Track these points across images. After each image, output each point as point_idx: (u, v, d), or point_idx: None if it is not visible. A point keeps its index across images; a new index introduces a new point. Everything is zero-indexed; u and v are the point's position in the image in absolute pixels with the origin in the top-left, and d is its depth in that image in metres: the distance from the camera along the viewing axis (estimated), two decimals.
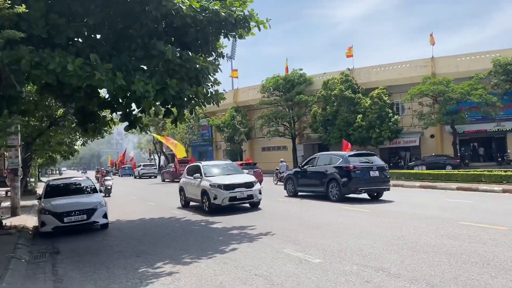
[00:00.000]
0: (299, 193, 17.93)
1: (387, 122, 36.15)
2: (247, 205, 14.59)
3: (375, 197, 15.81)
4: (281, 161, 29.24)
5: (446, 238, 8.27)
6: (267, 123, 43.58)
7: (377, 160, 16.34)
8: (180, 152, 34.89)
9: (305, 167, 17.85)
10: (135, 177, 49.93)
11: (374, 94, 36.87)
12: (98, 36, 10.74)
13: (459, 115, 32.41)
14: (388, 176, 16.03)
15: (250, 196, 13.91)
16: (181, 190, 16.40)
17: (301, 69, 44.57)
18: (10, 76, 8.91)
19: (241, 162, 31.91)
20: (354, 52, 42.60)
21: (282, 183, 20.21)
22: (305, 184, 17.53)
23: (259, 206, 14.37)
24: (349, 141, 37.43)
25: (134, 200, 20.94)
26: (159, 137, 43.13)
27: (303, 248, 8.04)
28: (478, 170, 22.59)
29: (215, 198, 13.45)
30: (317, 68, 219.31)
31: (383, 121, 36.19)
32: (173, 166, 38.68)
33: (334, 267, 6.61)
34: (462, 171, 21.90)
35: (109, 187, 23.81)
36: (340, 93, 37.63)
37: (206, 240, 9.49)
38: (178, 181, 37.15)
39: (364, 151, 19.32)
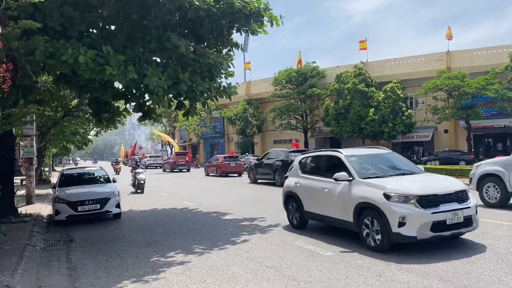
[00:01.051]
0: (258, 180, 22.43)
1: (401, 116, 35.81)
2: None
3: None
4: (246, 155, 36.89)
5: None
6: (279, 116, 43.46)
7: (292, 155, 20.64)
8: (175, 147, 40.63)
9: (262, 160, 22.34)
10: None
11: (388, 88, 36.51)
12: (113, 27, 10.80)
13: (474, 110, 31.92)
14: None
15: (468, 221, 7.09)
16: (291, 197, 9.44)
17: (314, 62, 44.31)
18: (26, 66, 9.02)
19: (224, 155, 35.49)
20: (368, 46, 42.22)
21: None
22: (261, 173, 22.15)
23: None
24: (362, 135, 37.29)
25: (146, 191, 21.06)
26: (158, 132, 46.91)
27: (315, 241, 8.04)
28: None
29: (402, 224, 6.74)
30: (330, 61, 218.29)
31: (397, 115, 35.86)
32: (172, 157, 42.85)
33: (346, 260, 6.60)
34: None
35: (142, 182, 19.68)
36: (353, 87, 37.33)
37: (218, 231, 9.55)
38: (177, 171, 39.49)
39: (302, 149, 23.98)
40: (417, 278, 5.60)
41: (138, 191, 19.53)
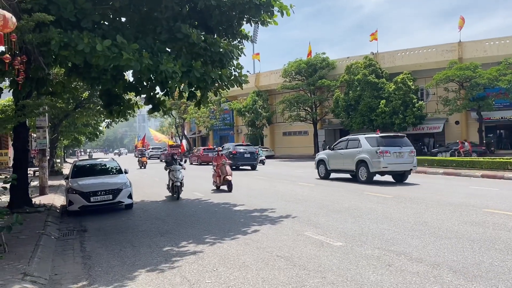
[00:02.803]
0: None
1: (411, 107, 35.55)
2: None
3: (252, 169, 28.10)
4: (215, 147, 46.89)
5: (469, 224, 8.20)
6: (289, 108, 43.40)
7: (251, 148, 30.01)
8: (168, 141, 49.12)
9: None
10: (148, 157, 58.99)
11: (398, 79, 36.24)
12: (123, 19, 10.87)
13: (486, 101, 31.61)
14: (256, 157, 29.20)
15: None
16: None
17: (324, 53, 44.13)
18: (39, 58, 9.14)
19: (203, 147, 43.35)
20: (378, 36, 41.86)
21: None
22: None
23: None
24: (372, 126, 37.12)
25: (157, 182, 21.29)
26: (152, 131, 55.70)
27: (324, 231, 8.10)
28: (504, 157, 22.12)
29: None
30: (340, 52, 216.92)
31: (407, 106, 35.61)
32: (167, 149, 49.36)
33: (356, 250, 6.65)
34: (488, 158, 21.46)
35: (179, 184, 14.04)
36: (363, 78, 37.11)
37: (228, 222, 9.64)
38: None
39: (246, 143, 33.76)
40: (427, 268, 5.63)
41: (174, 195, 14.27)
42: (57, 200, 14.43)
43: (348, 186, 15.55)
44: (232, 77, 10.60)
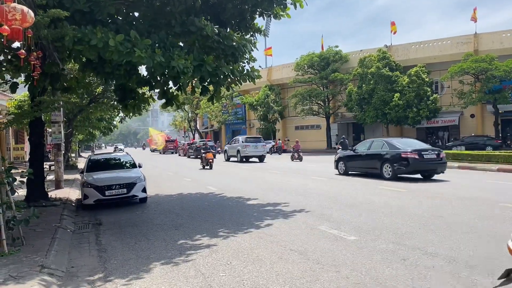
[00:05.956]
0: (190, 156, 40.59)
1: (425, 101, 35.14)
2: None
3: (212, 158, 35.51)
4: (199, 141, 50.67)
5: (486, 219, 8.10)
6: (301, 102, 43.22)
7: (211, 143, 41.20)
8: (160, 143, 56.09)
9: (192, 145, 41.90)
10: (151, 151, 66.20)
11: (413, 72, 35.81)
12: (137, 14, 10.91)
13: (502, 94, 31.08)
14: (215, 149, 39.27)
15: None
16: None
17: (336, 46, 43.81)
18: (54, 54, 9.23)
19: (187, 142, 51.75)
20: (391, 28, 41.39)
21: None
22: (190, 152, 41.09)
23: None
24: (386, 120, 36.74)
25: (171, 176, 21.43)
26: (152, 129, 61.56)
27: (338, 225, 8.07)
28: None
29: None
30: (353, 45, 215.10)
31: (421, 100, 35.21)
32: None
33: (370, 244, 6.62)
34: (504, 152, 21.13)
35: None
36: (377, 71, 36.73)
37: (242, 215, 9.67)
38: (169, 153, 54.90)
39: (207, 140, 46.13)
40: (443, 262, 5.58)
41: None
42: (73, 194, 14.61)
43: (358, 182, 15.52)
44: (245, 72, 10.58)
